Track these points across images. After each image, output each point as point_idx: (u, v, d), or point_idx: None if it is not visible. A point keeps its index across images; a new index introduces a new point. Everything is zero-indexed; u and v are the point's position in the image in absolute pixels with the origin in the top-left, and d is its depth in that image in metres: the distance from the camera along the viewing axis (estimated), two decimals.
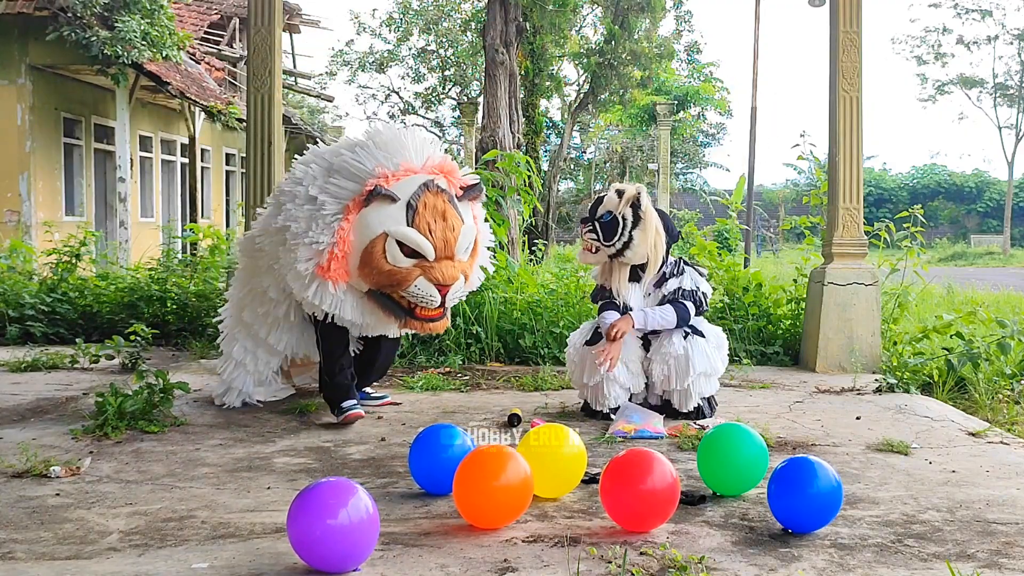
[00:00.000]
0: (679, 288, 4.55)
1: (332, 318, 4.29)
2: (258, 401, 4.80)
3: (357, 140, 4.33)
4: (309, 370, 5.06)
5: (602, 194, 4.68)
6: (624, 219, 4.50)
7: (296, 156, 4.73)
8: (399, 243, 4.03)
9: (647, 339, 4.56)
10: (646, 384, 4.55)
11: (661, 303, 4.55)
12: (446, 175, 4.27)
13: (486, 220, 6.51)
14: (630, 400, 4.51)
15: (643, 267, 4.60)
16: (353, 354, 4.74)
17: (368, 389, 4.89)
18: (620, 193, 4.56)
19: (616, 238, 4.51)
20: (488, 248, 4.64)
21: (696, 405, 4.50)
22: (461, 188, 4.29)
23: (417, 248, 4.05)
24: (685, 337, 4.48)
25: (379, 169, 4.11)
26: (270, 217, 4.46)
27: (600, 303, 4.70)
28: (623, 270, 4.60)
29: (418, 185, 4.11)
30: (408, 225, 4.05)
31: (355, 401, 4.50)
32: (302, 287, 4.13)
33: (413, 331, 4.39)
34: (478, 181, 4.42)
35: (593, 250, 4.58)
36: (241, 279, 4.79)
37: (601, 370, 4.41)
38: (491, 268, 4.72)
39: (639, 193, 4.56)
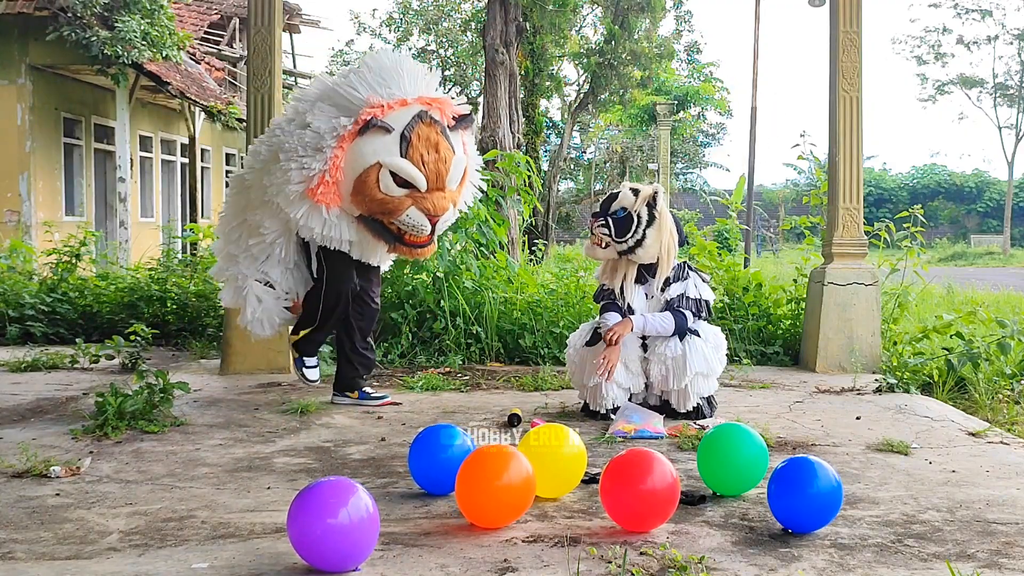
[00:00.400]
0: (683, 295, 4.55)
1: (331, 253, 4.38)
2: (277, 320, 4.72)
3: (354, 67, 4.41)
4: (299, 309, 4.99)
5: (616, 190, 4.66)
6: (639, 217, 4.50)
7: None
8: (392, 173, 4.14)
9: (645, 339, 4.56)
10: (645, 384, 4.55)
11: (663, 308, 4.54)
12: (438, 105, 4.34)
13: (485, 221, 6.54)
14: (630, 400, 4.51)
15: (650, 268, 4.59)
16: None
17: (368, 389, 4.90)
18: (636, 191, 4.56)
19: (629, 235, 4.50)
20: (477, 171, 4.72)
21: (695, 405, 4.49)
22: (453, 118, 4.37)
23: (410, 179, 4.16)
24: (682, 338, 4.48)
25: (374, 99, 4.18)
26: (263, 146, 4.50)
27: (602, 303, 4.70)
28: (630, 270, 4.59)
29: (412, 116, 4.20)
30: (402, 156, 4.15)
31: (316, 362, 4.68)
32: (292, 208, 4.21)
33: (401, 256, 4.51)
34: (469, 111, 4.52)
35: (603, 245, 4.57)
36: (230, 214, 4.74)
37: (598, 379, 4.40)
38: (480, 189, 4.84)
39: (656, 193, 4.57)
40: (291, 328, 4.77)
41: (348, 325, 4.77)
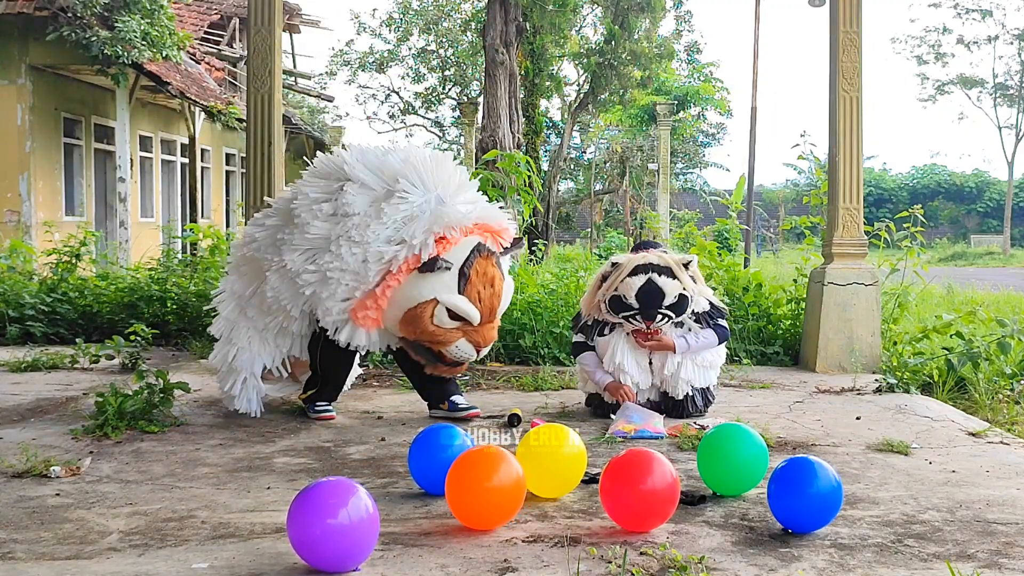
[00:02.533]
0: (713, 307, 4.58)
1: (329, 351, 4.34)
2: (266, 397, 4.65)
3: (403, 173, 4.13)
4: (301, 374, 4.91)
5: (641, 284, 4.36)
6: (691, 293, 4.45)
7: (306, 160, 4.63)
8: (447, 308, 4.06)
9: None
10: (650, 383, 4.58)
11: (697, 321, 4.56)
12: (492, 233, 4.25)
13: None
14: (638, 396, 4.52)
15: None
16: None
17: (457, 398, 4.62)
18: (664, 271, 4.40)
19: (689, 307, 4.46)
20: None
21: (686, 393, 4.49)
22: (506, 247, 4.31)
23: (466, 316, 4.09)
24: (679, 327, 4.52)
25: (433, 236, 4.02)
26: (292, 224, 4.25)
27: (575, 343, 4.67)
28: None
29: (471, 250, 4.11)
30: (459, 293, 4.07)
31: (330, 404, 4.57)
32: (332, 321, 4.13)
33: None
34: (520, 238, 4.44)
35: (661, 331, 4.46)
36: (248, 274, 4.54)
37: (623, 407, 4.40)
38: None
39: (691, 262, 4.54)
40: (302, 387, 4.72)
41: (403, 363, 4.68)
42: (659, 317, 4.40)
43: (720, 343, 4.58)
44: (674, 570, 2.47)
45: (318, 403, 4.54)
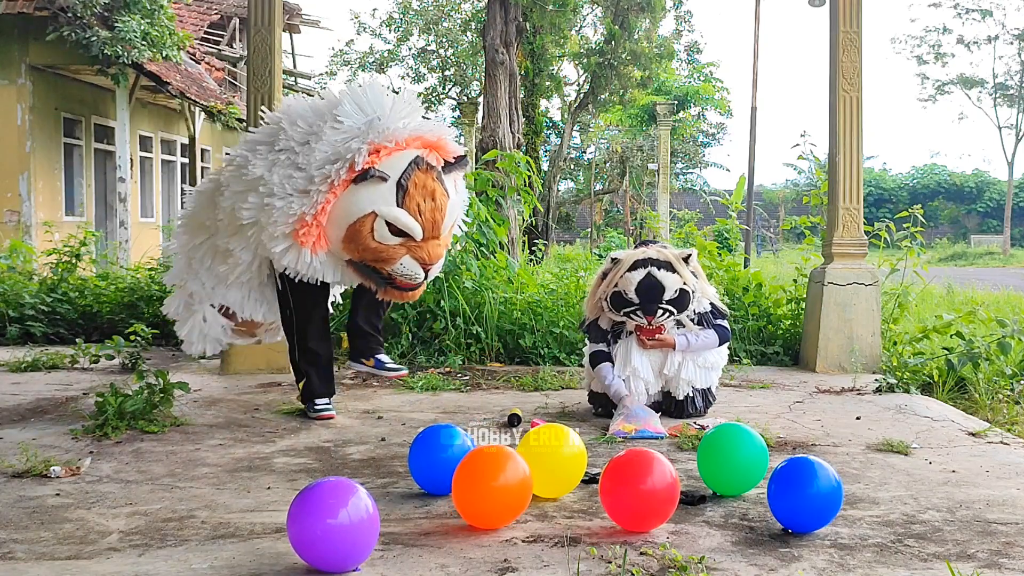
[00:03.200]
0: (705, 313, 4.57)
1: (297, 282, 4.26)
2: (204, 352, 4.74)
3: (340, 102, 4.16)
4: (252, 332, 4.91)
5: (640, 279, 4.36)
6: (693, 288, 4.45)
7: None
8: (387, 223, 4.01)
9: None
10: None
11: (698, 323, 4.55)
12: (434, 148, 4.21)
13: (485, 221, 6.53)
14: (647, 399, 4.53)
15: None
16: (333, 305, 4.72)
17: (383, 357, 4.60)
18: (664, 266, 4.39)
19: (691, 304, 4.45)
20: (464, 206, 4.57)
21: (687, 394, 4.49)
22: (447, 162, 4.25)
23: (406, 229, 4.04)
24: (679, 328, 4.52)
25: (368, 146, 4.00)
26: (239, 169, 4.28)
27: (594, 351, 4.60)
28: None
29: (408, 163, 4.06)
30: (398, 205, 4.02)
31: (329, 401, 4.53)
32: (273, 244, 4.07)
33: (390, 299, 4.37)
34: (464, 154, 4.39)
35: (664, 327, 4.47)
36: (195, 224, 4.57)
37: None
38: (462, 230, 4.72)
39: (690, 256, 4.51)
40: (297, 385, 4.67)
41: (353, 315, 4.65)
42: (660, 312, 4.38)
43: (721, 343, 4.58)
44: (674, 570, 2.47)
45: (317, 402, 4.51)
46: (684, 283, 4.40)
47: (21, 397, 4.98)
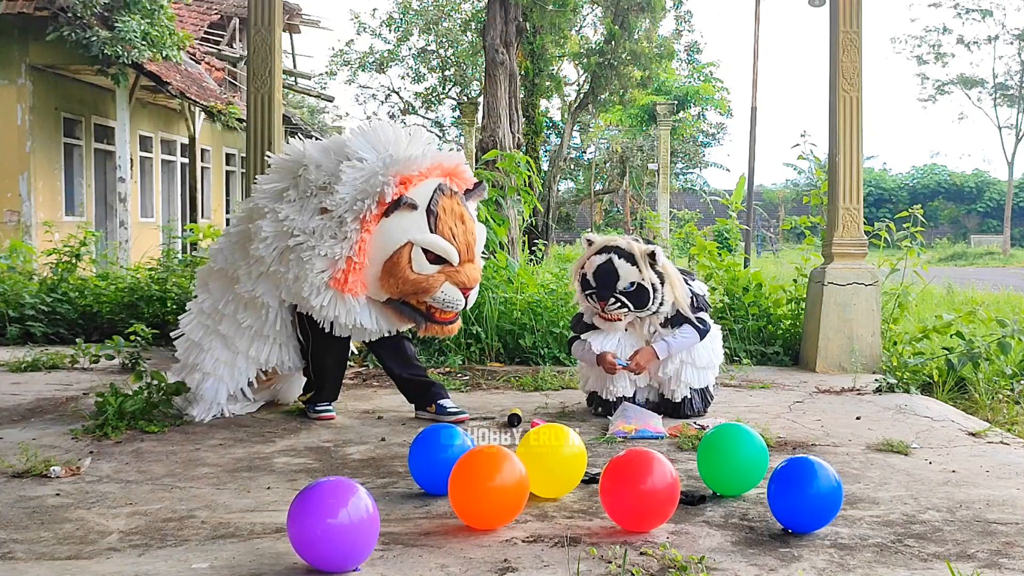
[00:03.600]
0: (693, 295, 4.55)
1: (332, 327, 4.21)
2: (232, 413, 4.51)
3: (356, 143, 4.16)
4: (277, 382, 4.80)
5: (601, 262, 4.39)
6: (653, 285, 4.39)
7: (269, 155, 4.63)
8: (424, 251, 4.01)
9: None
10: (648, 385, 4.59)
11: (664, 324, 4.52)
12: (450, 175, 4.24)
13: (485, 221, 6.53)
14: (634, 397, 4.52)
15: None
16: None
17: (445, 402, 4.52)
18: (631, 258, 4.38)
19: (650, 303, 4.41)
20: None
21: (685, 396, 4.49)
22: (466, 190, 4.28)
23: (443, 254, 4.04)
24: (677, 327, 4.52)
25: (394, 177, 3.99)
26: (258, 219, 4.24)
27: (570, 339, 4.70)
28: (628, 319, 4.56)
29: (433, 189, 4.08)
30: (432, 231, 4.02)
31: (330, 404, 4.52)
32: (315, 298, 4.03)
33: (431, 335, 4.36)
34: (481, 180, 4.42)
35: (621, 319, 4.47)
36: (217, 287, 4.44)
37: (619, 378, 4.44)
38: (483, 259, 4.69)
39: (653, 252, 4.44)
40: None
41: (385, 364, 4.65)
42: (613, 300, 4.37)
43: (701, 337, 4.52)
44: (674, 570, 2.47)
45: (318, 404, 4.51)
46: (642, 279, 4.36)
47: (21, 397, 4.98)
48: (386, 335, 4.44)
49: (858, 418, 4.58)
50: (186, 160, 16.99)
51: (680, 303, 4.48)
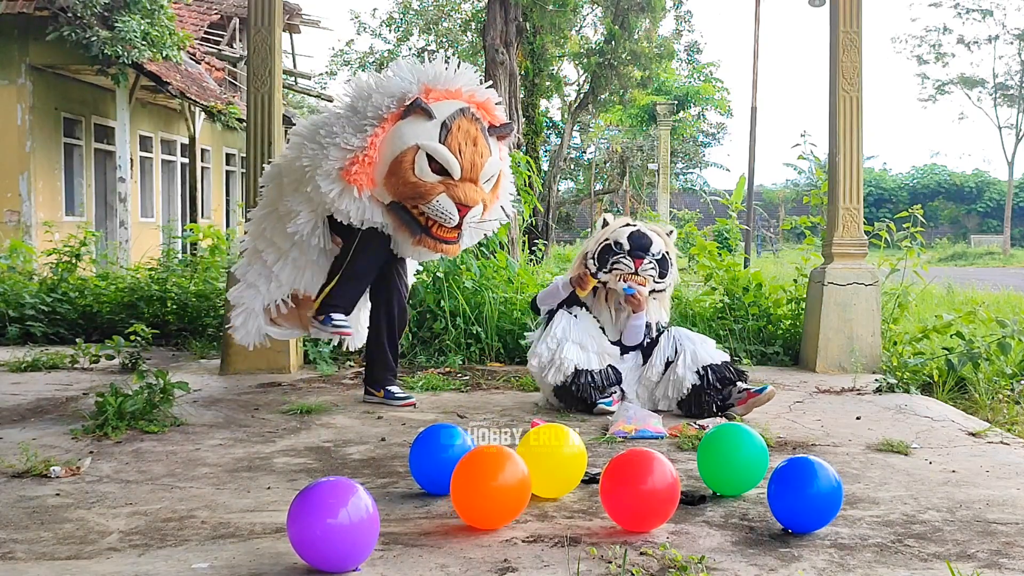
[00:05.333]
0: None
1: (368, 232, 4.38)
2: (267, 335, 4.82)
3: (403, 68, 4.40)
4: (306, 309, 4.92)
5: (632, 231, 4.68)
6: (671, 259, 4.71)
7: None
8: (428, 157, 4.17)
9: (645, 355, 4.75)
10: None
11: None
12: (483, 109, 4.41)
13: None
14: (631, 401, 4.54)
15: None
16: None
17: (394, 388, 4.83)
18: (653, 232, 4.70)
19: (668, 276, 4.70)
20: (510, 195, 4.76)
21: (695, 384, 4.50)
22: (494, 125, 4.43)
23: (445, 164, 4.19)
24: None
25: (420, 85, 4.22)
26: (302, 130, 4.49)
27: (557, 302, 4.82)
28: (612, 298, 4.72)
29: (455, 109, 4.26)
30: (440, 142, 4.19)
31: (345, 318, 4.56)
32: (326, 185, 4.21)
33: (426, 249, 4.46)
34: (510, 122, 4.60)
35: (646, 285, 4.63)
36: (260, 209, 4.76)
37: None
38: (511, 211, 4.83)
39: (672, 231, 4.82)
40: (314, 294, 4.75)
41: (377, 317, 4.78)
42: (648, 261, 4.60)
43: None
44: (674, 570, 2.47)
45: (334, 316, 4.51)
46: (667, 250, 4.70)
47: (21, 397, 4.98)
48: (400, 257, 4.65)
49: (858, 418, 4.58)
50: (186, 160, 16.99)
51: (670, 290, 4.84)
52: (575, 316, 4.64)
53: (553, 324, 4.61)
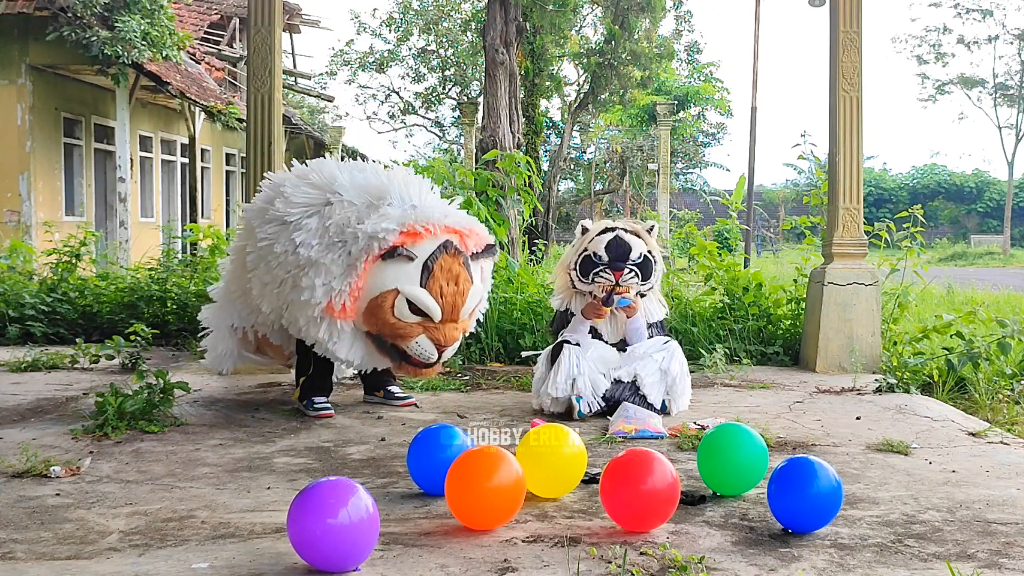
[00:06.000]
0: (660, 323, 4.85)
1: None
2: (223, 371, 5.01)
3: (383, 185, 4.30)
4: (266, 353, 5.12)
5: (610, 239, 4.64)
6: (655, 257, 4.66)
7: (299, 161, 4.75)
8: (408, 301, 4.11)
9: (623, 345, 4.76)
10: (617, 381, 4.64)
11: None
12: (464, 236, 4.31)
13: (485, 221, 6.54)
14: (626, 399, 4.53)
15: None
16: None
17: (394, 388, 4.87)
18: (631, 232, 4.66)
19: (653, 276, 4.67)
20: (486, 295, 4.70)
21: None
22: (475, 252, 4.34)
23: (425, 310, 4.13)
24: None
25: (399, 227, 4.10)
26: (277, 228, 4.37)
27: (560, 331, 4.81)
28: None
29: (437, 246, 4.16)
30: (421, 286, 4.12)
31: (327, 399, 4.62)
32: (307, 320, 4.19)
33: (406, 375, 4.55)
34: (494, 243, 4.52)
35: (630, 291, 4.62)
36: (240, 263, 4.71)
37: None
38: (481, 315, 4.74)
39: (652, 226, 4.77)
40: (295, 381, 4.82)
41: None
42: (628, 270, 4.58)
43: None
44: (674, 570, 2.47)
45: (315, 400, 4.56)
46: (648, 250, 4.66)
47: (21, 397, 4.98)
48: (362, 372, 4.66)
49: (858, 418, 4.58)
50: (186, 160, 16.99)
51: (658, 281, 4.82)
52: (578, 345, 4.60)
53: (561, 362, 4.52)
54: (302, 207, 4.33)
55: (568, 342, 4.61)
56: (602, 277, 4.59)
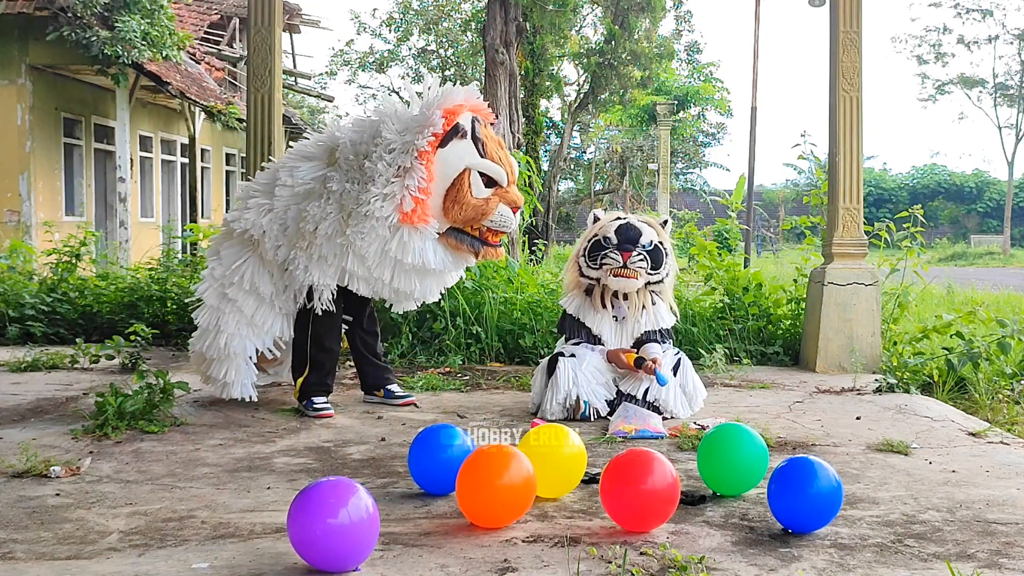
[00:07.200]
0: (660, 330, 4.77)
1: (331, 303, 4.40)
2: (251, 397, 4.69)
3: (386, 109, 4.37)
4: (281, 363, 5.05)
5: (621, 223, 4.65)
6: (666, 249, 4.65)
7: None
8: (479, 174, 4.23)
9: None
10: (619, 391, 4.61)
11: (640, 337, 4.70)
12: (474, 111, 4.40)
13: None
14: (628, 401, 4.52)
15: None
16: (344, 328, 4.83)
17: (394, 387, 4.87)
18: (644, 223, 4.68)
19: (663, 267, 4.63)
20: None
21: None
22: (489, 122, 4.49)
23: (496, 176, 4.27)
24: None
25: (437, 110, 4.17)
26: (285, 185, 4.42)
27: (569, 337, 4.79)
28: (607, 296, 4.69)
29: (471, 119, 4.29)
30: (482, 157, 4.25)
31: (327, 400, 4.61)
32: (385, 243, 4.13)
33: (483, 259, 4.55)
34: (497, 115, 4.68)
35: (638, 278, 4.59)
36: (228, 256, 4.61)
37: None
38: None
39: (666, 221, 4.80)
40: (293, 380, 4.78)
41: (352, 334, 4.85)
42: (637, 253, 4.53)
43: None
44: (674, 570, 2.47)
45: (315, 400, 4.55)
46: (660, 240, 4.64)
47: (21, 397, 4.98)
48: (449, 275, 4.56)
49: (858, 418, 4.58)
50: (186, 160, 16.99)
51: (671, 282, 4.77)
52: (574, 356, 4.56)
53: (558, 377, 4.47)
54: (309, 155, 4.48)
55: (563, 354, 4.58)
56: (610, 258, 4.56)
